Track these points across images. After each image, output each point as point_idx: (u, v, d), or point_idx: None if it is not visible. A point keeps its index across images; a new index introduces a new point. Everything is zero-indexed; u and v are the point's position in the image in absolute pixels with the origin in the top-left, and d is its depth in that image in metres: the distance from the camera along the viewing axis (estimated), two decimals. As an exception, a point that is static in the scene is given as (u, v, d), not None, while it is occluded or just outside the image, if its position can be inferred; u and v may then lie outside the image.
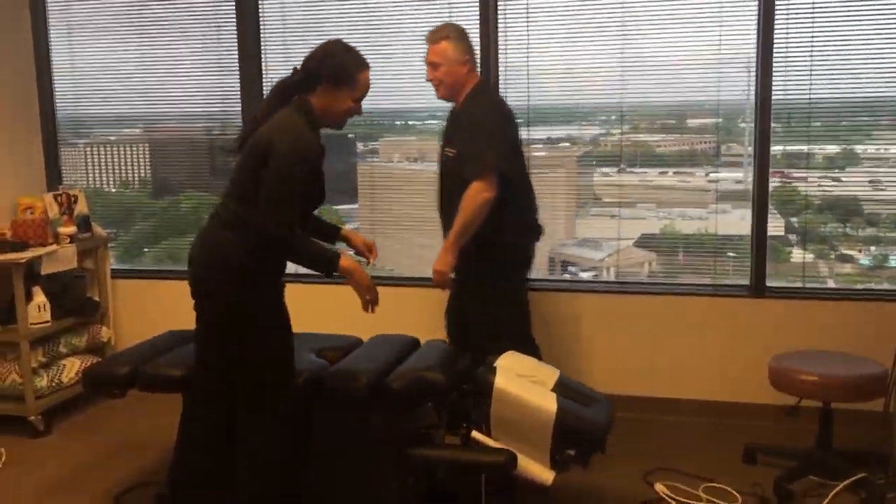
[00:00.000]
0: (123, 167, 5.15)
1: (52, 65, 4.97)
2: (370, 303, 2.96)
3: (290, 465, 3.05)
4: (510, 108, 3.68)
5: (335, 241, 3.25)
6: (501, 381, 3.06)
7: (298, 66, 2.88)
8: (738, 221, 4.27)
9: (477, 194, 3.41)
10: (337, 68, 2.83)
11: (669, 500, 3.41)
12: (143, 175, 5.16)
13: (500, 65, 4.37)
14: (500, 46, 4.35)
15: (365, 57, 2.91)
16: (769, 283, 4.21)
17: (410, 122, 4.73)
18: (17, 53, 4.81)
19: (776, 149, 4.15)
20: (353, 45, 2.91)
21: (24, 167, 4.75)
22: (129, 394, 3.48)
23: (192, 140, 4.95)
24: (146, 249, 5.15)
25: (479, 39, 4.33)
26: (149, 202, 5.13)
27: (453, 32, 3.57)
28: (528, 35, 4.32)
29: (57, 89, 4.99)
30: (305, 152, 2.76)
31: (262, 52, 4.66)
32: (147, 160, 5.14)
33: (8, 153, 4.70)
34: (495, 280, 3.61)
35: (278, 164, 2.70)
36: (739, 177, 4.27)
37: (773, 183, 4.18)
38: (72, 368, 4.42)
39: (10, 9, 4.74)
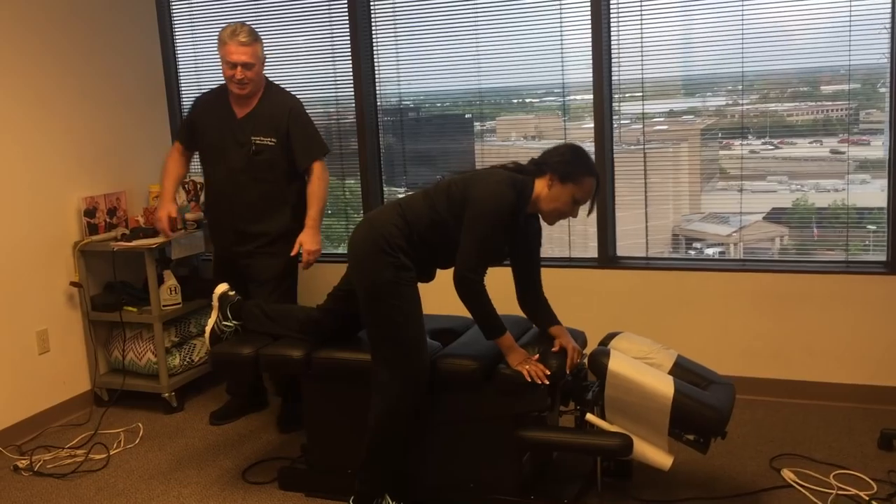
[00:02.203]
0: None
1: (178, 59, 5.15)
2: (529, 373, 2.95)
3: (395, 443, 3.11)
4: None
5: (543, 328, 3.29)
6: (615, 364, 3.00)
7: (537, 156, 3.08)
8: (878, 193, 4.02)
9: (324, 173, 3.93)
10: (565, 164, 2.99)
11: (798, 487, 3.26)
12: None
13: (612, 36, 4.25)
14: (612, 16, 4.22)
15: (594, 166, 3.06)
16: (908, 259, 3.95)
17: (528, 100, 4.66)
18: (146, 50, 5.00)
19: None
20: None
21: (154, 157, 4.94)
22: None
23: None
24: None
25: (590, 9, 4.23)
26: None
27: (256, 34, 3.87)
28: (640, 3, 4.18)
29: (182, 82, 5.17)
30: (499, 206, 2.90)
31: (374, 37, 4.69)
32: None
33: (140, 144, 4.91)
34: None
35: (474, 217, 2.91)
36: (878, 145, 4.00)
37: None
38: (202, 348, 4.60)
39: (137, 7, 4.93)
